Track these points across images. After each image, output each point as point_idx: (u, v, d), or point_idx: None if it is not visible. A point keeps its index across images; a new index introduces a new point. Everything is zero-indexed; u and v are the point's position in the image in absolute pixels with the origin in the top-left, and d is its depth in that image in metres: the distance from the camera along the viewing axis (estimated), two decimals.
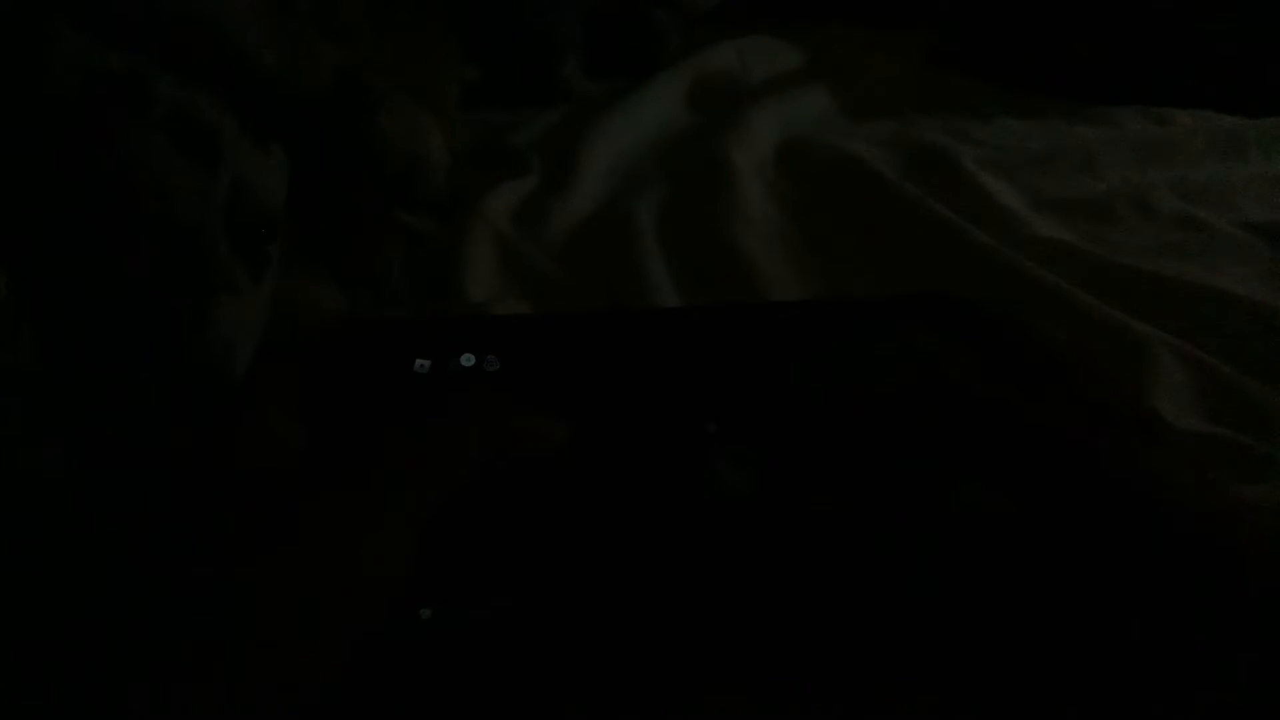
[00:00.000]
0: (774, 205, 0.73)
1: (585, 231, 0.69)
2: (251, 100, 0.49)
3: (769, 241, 0.67)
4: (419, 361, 0.33)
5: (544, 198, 0.72)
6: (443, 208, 0.64)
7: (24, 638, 0.26)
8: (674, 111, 0.89)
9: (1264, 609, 0.23)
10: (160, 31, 0.44)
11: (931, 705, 0.26)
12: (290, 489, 0.25)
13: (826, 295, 0.60)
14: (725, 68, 0.96)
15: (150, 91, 0.42)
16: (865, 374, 0.31)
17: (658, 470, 0.30)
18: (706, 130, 0.83)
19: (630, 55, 0.95)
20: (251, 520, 0.24)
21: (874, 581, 0.28)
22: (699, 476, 0.30)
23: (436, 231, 0.64)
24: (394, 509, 0.25)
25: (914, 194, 0.70)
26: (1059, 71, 0.91)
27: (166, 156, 0.42)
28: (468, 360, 0.33)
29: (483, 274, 0.63)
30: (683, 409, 0.32)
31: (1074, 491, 0.25)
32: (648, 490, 0.30)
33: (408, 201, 0.61)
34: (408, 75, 0.65)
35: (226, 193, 0.45)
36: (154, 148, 0.42)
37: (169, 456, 0.36)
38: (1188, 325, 0.56)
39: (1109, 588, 0.24)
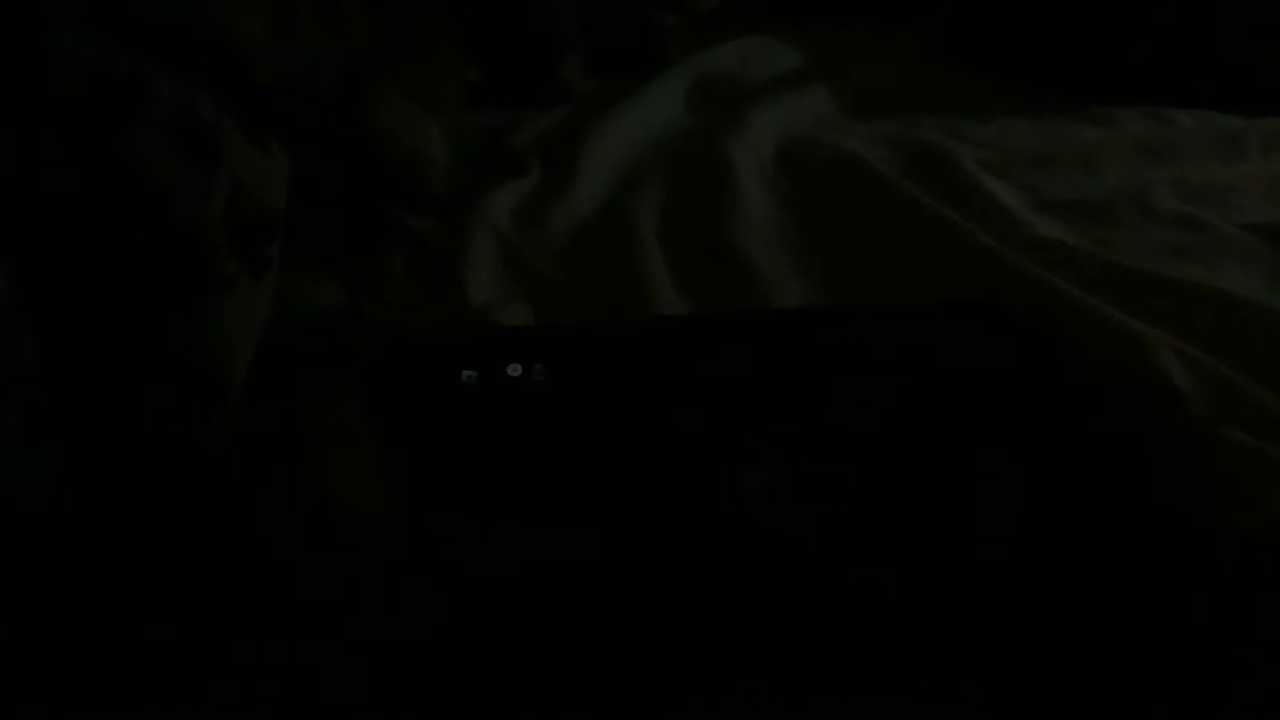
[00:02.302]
0: (774, 205, 0.73)
1: (586, 231, 0.69)
2: (251, 100, 0.49)
3: (769, 241, 0.67)
4: (466, 373, 0.33)
5: (544, 198, 0.72)
6: (443, 207, 0.64)
7: (22, 640, 0.26)
8: (674, 111, 0.89)
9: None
10: (161, 29, 0.44)
11: (966, 697, 0.26)
12: (362, 494, 0.25)
13: (865, 299, 0.59)
14: (725, 68, 0.96)
15: (150, 90, 0.42)
16: (907, 379, 0.31)
17: (700, 474, 0.30)
18: (707, 130, 0.83)
19: (631, 55, 0.95)
20: (318, 526, 0.24)
21: (921, 581, 0.28)
22: (739, 480, 0.30)
23: (437, 231, 0.64)
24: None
25: (914, 194, 0.70)
26: (1059, 71, 0.91)
27: (166, 156, 0.42)
28: (514, 370, 0.33)
29: (483, 274, 0.62)
30: (726, 413, 0.32)
31: (1115, 493, 0.25)
32: (689, 492, 0.30)
33: (408, 201, 0.61)
34: (408, 75, 0.65)
35: (226, 193, 0.45)
36: (153, 148, 0.42)
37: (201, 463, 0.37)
38: (1188, 325, 0.56)
39: (1132, 584, 0.24)
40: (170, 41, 0.45)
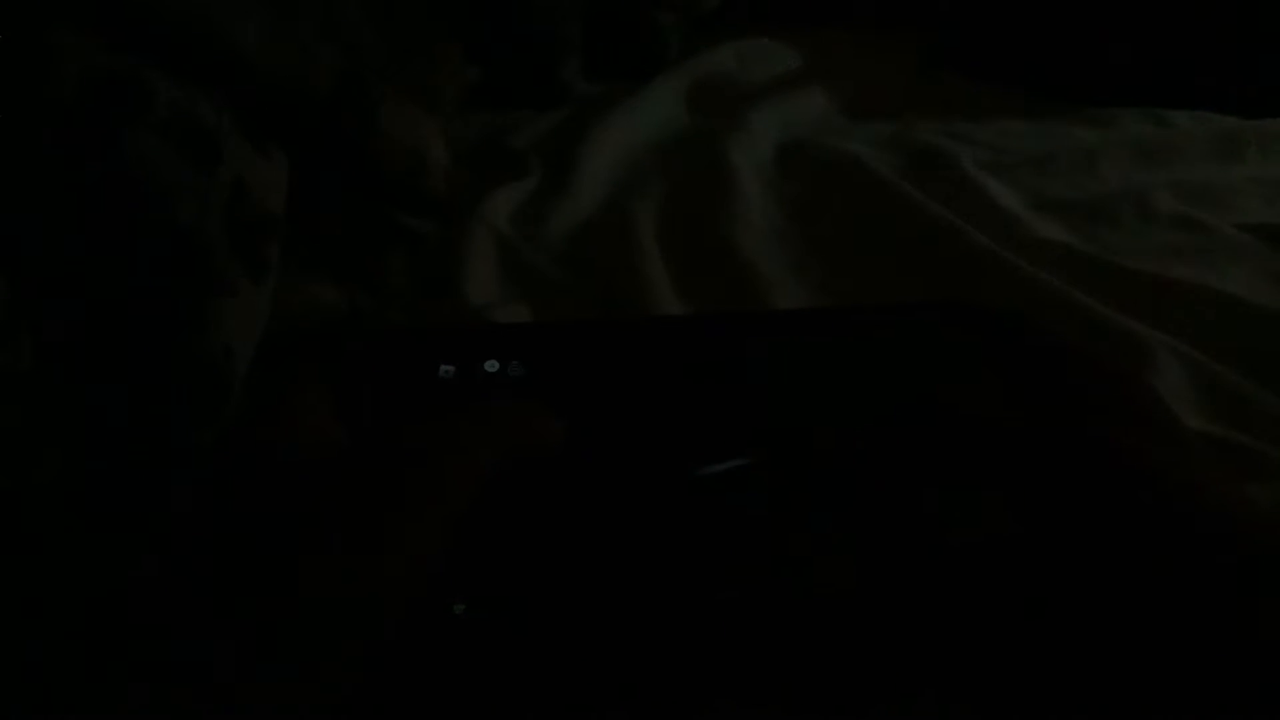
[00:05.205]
0: (773, 206, 0.73)
1: (585, 233, 0.69)
2: (251, 102, 0.49)
3: (768, 242, 0.67)
4: (444, 367, 0.33)
5: (544, 199, 0.72)
6: (442, 209, 0.64)
7: (22, 642, 0.26)
8: (674, 113, 0.89)
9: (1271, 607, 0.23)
10: (160, 32, 0.44)
11: (945, 705, 0.26)
12: (323, 489, 0.25)
13: (845, 303, 0.60)
14: (725, 69, 0.96)
15: (150, 92, 0.42)
16: (883, 382, 0.31)
17: (673, 474, 0.30)
18: (706, 131, 0.83)
19: (631, 57, 0.95)
20: (287, 518, 0.24)
21: (898, 588, 0.28)
22: (717, 482, 0.30)
23: (436, 233, 0.64)
24: (426, 506, 0.25)
25: (913, 195, 0.70)
26: (1058, 72, 0.91)
27: (166, 158, 0.42)
28: (492, 366, 0.33)
29: (482, 275, 0.63)
30: (704, 415, 0.32)
31: (1094, 495, 0.25)
32: (667, 493, 0.30)
33: (407, 202, 0.61)
34: (408, 76, 0.65)
35: (226, 194, 0.45)
36: (153, 149, 0.42)
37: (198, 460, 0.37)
38: (1187, 326, 0.56)
39: (1128, 589, 0.24)
40: (170, 44, 0.45)
